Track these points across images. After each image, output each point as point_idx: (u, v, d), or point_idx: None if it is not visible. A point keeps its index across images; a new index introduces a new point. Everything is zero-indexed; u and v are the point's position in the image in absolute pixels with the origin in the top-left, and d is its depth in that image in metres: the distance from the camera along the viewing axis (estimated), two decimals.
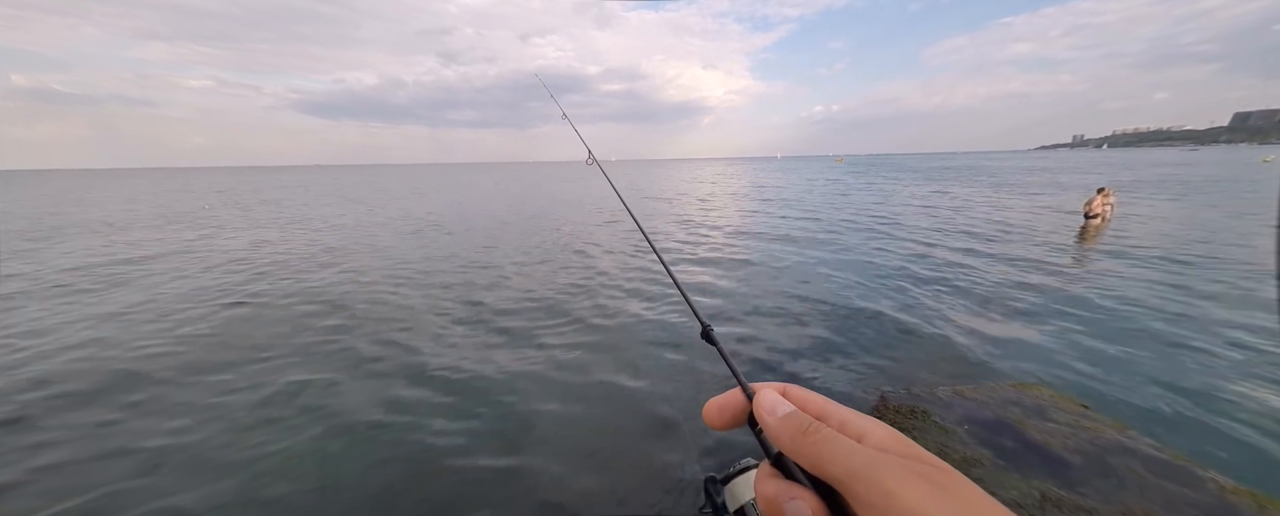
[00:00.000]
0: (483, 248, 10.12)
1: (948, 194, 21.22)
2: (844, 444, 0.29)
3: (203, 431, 3.37)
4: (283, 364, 4.45)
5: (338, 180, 55.78)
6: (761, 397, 0.35)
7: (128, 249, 10.63)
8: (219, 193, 32.35)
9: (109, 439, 3.31)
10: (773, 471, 0.33)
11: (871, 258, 8.64)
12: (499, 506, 2.67)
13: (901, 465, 0.27)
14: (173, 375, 4.26)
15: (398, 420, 3.49)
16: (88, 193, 34.85)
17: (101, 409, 3.71)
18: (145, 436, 3.32)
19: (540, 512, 2.64)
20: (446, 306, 6.13)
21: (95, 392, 3.98)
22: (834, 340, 4.90)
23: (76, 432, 3.40)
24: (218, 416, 3.56)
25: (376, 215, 17.02)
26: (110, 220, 16.36)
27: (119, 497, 2.75)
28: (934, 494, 0.25)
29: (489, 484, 2.85)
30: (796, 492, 0.30)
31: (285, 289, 7.02)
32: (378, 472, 2.95)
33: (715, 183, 35.98)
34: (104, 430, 3.42)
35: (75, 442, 3.28)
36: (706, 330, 0.49)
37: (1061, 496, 2.32)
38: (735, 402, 0.37)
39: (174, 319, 5.74)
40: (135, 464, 3.03)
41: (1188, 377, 3.93)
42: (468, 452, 3.12)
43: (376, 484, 2.85)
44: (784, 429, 0.32)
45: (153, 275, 8.04)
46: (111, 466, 3.02)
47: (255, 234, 12.64)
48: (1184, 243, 9.09)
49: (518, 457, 3.07)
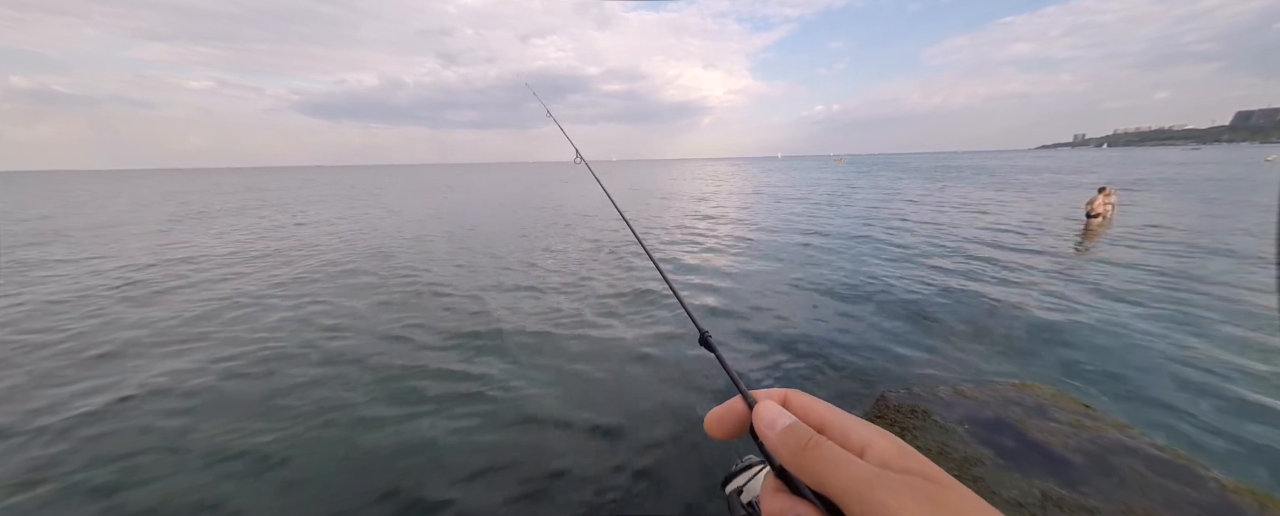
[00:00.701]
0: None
1: (947, 193, 21.20)
2: (843, 459, 0.29)
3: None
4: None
5: (345, 179, 55.87)
6: (761, 410, 0.35)
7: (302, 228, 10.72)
8: (249, 190, 32.59)
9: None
10: (777, 484, 0.33)
11: (871, 257, 8.63)
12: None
13: (898, 482, 0.27)
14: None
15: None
16: (134, 192, 35.25)
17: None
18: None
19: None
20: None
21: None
22: (834, 339, 4.89)
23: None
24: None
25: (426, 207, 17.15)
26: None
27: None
28: (930, 510, 0.25)
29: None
30: (801, 510, 0.30)
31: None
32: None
33: (718, 184, 35.94)
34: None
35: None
36: (704, 336, 0.47)
37: (1062, 495, 2.31)
38: (736, 413, 0.37)
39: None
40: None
41: (1189, 376, 3.93)
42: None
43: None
44: (784, 443, 0.32)
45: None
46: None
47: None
48: (1183, 241, 9.07)
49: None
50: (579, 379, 4.15)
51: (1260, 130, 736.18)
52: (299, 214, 18.09)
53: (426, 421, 3.51)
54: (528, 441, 3.28)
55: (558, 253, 9.56)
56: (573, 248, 10.07)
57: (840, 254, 8.99)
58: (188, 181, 63.97)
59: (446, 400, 3.80)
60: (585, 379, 4.15)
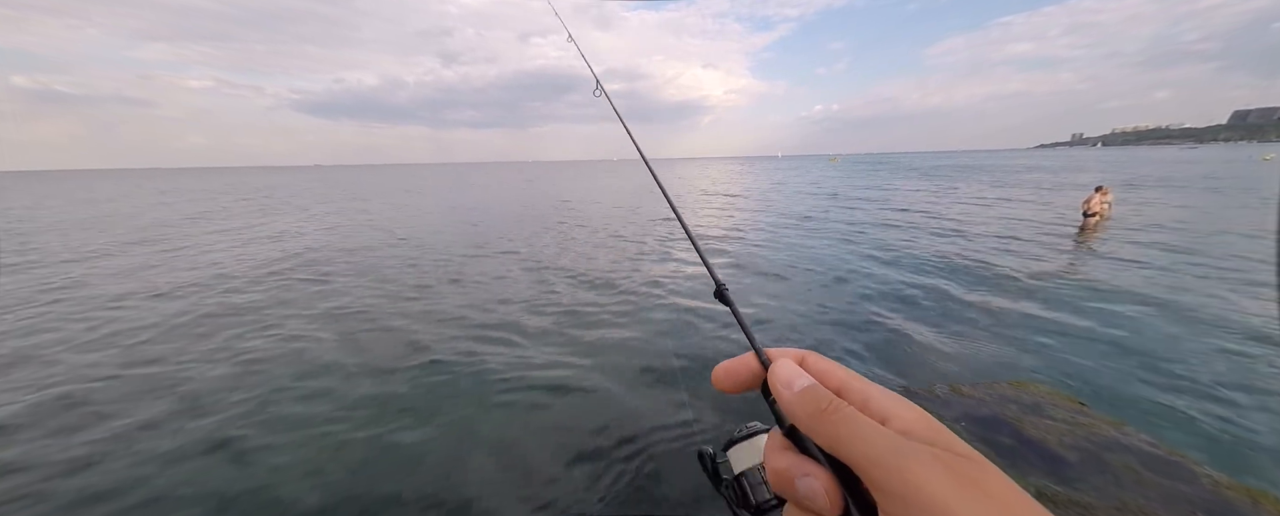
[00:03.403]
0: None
1: (944, 192, 21.23)
2: (866, 426, 0.27)
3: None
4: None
5: (360, 179, 55.79)
6: (778, 368, 0.33)
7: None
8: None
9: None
10: (784, 443, 0.31)
11: (870, 256, 8.66)
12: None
13: (929, 454, 0.25)
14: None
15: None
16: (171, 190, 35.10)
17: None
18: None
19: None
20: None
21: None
22: (832, 339, 4.92)
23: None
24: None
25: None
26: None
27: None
28: (961, 487, 0.23)
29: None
30: (810, 469, 0.29)
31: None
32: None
33: (731, 190, 35.87)
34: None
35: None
36: (720, 288, 0.45)
37: (1058, 492, 2.34)
38: (747, 367, 0.35)
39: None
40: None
41: (1183, 373, 3.96)
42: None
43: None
44: (801, 404, 0.30)
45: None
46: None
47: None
48: (1180, 240, 9.11)
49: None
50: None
51: (1257, 129, 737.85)
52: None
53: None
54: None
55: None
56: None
57: (836, 253, 9.01)
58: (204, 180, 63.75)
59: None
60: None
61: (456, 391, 3.93)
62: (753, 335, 0.38)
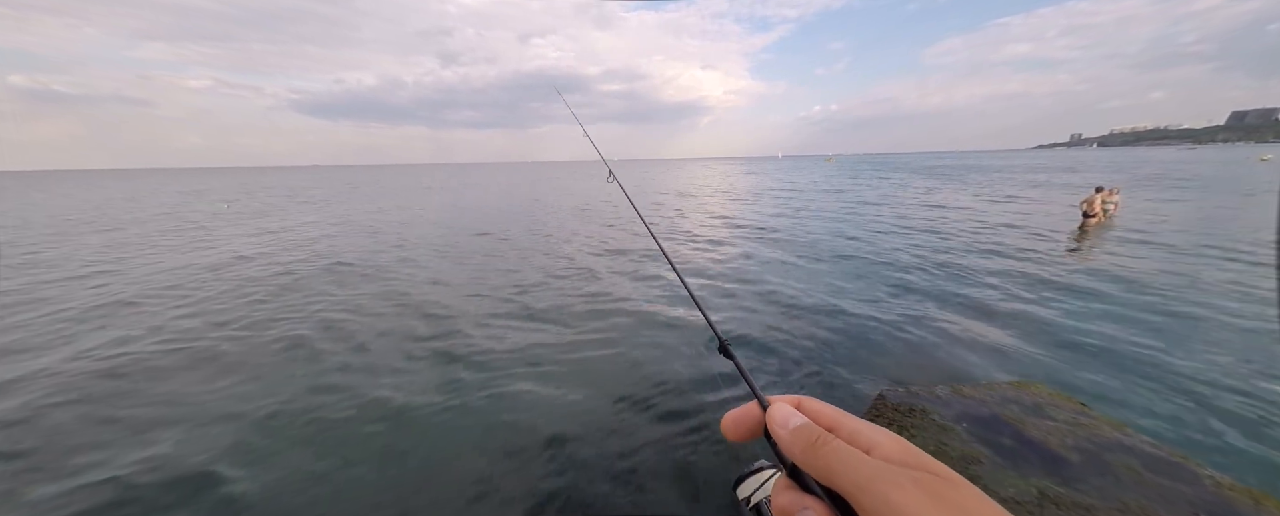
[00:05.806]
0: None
1: (943, 191, 21.23)
2: (852, 455, 0.31)
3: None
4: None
5: (373, 178, 55.83)
6: (774, 411, 0.37)
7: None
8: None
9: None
10: (789, 483, 0.35)
11: (869, 257, 8.65)
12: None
13: (908, 477, 0.28)
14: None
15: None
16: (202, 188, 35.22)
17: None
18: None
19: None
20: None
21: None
22: (833, 340, 4.90)
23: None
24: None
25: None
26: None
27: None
28: (933, 503, 0.26)
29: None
30: (808, 502, 0.32)
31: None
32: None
33: (715, 184, 35.87)
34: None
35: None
36: (723, 345, 0.50)
37: (1059, 493, 2.33)
38: (751, 416, 0.38)
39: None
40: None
41: (1185, 374, 3.95)
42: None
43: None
44: (795, 441, 0.34)
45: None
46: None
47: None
48: (1180, 240, 9.11)
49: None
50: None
51: (1254, 130, 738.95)
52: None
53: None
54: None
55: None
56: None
57: (835, 252, 9.01)
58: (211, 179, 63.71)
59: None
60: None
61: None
62: (754, 385, 0.41)
